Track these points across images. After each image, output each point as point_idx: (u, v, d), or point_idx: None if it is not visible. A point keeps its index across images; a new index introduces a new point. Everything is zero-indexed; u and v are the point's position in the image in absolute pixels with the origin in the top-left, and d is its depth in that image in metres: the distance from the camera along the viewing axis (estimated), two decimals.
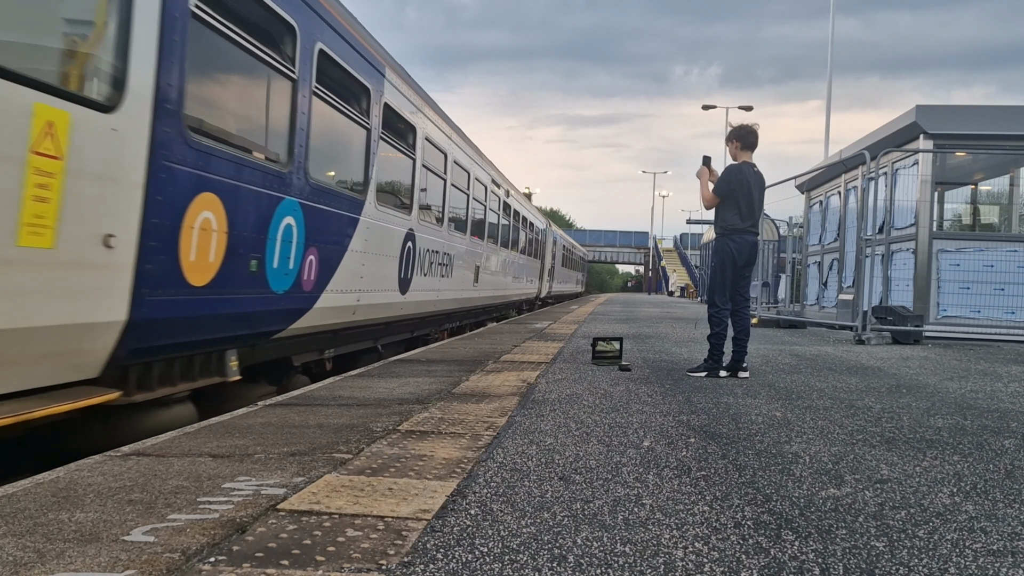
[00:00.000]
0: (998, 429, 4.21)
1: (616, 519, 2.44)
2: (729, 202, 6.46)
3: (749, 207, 6.42)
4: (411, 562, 2.02)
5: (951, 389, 5.83)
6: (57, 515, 2.33)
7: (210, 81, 4.81)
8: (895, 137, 12.30)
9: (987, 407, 4.98)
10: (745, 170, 6.47)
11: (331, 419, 4.06)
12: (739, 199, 6.40)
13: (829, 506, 2.65)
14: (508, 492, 2.72)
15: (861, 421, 4.34)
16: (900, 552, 2.21)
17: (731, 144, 6.66)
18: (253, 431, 3.72)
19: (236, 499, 2.54)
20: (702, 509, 2.57)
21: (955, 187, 14.47)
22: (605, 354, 6.98)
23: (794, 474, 3.09)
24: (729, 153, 6.74)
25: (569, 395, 5.01)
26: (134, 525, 2.25)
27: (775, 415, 4.47)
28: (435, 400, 4.73)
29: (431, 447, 3.40)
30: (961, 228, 14.47)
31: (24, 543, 2.08)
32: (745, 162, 6.54)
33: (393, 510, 2.46)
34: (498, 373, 6.15)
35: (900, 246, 12.01)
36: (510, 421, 4.06)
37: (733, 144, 6.64)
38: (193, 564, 1.96)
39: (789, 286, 19.25)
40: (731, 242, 6.42)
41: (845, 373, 6.73)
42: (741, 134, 6.61)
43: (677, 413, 4.44)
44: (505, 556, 2.09)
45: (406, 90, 8.46)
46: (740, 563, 2.08)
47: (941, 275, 11.39)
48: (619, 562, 2.07)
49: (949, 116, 12.02)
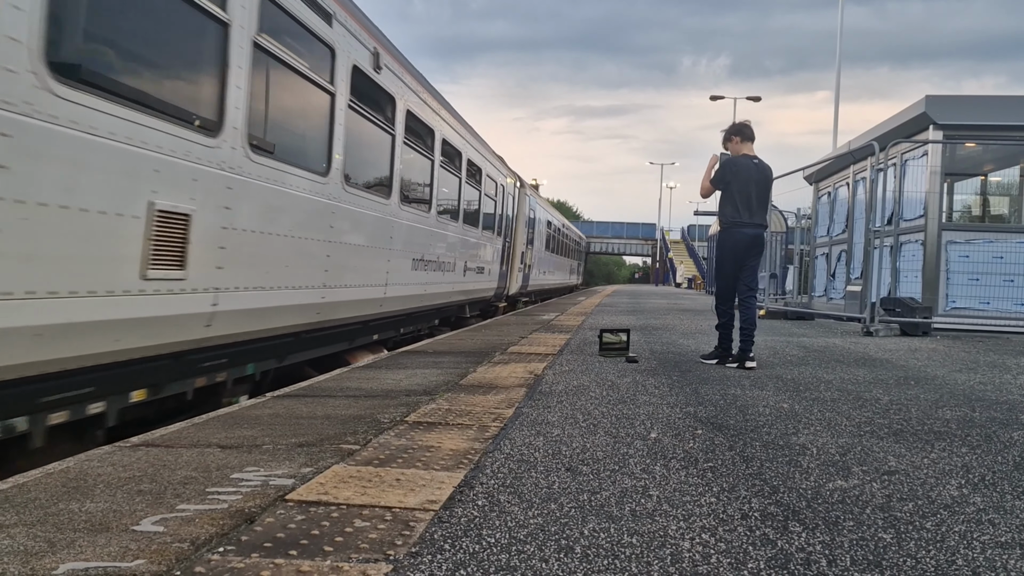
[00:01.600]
0: (1007, 421, 4.19)
1: (623, 510, 2.44)
2: (726, 195, 6.50)
3: (746, 200, 6.42)
4: (419, 552, 2.03)
5: (960, 381, 5.81)
6: (67, 505, 2.35)
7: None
8: (904, 128, 12.22)
9: (996, 399, 4.96)
10: (743, 163, 6.47)
11: (339, 410, 4.07)
12: (735, 192, 6.41)
13: (836, 498, 2.65)
14: (515, 483, 2.72)
15: (869, 413, 4.33)
16: (908, 544, 2.21)
17: (731, 142, 6.68)
18: (261, 422, 3.73)
19: (245, 490, 2.55)
20: (709, 500, 2.57)
21: (965, 178, 14.37)
22: (612, 346, 6.97)
23: (801, 466, 3.08)
24: (731, 152, 6.75)
25: (576, 387, 5.01)
26: (144, 515, 2.27)
27: (782, 407, 4.46)
28: (442, 391, 4.74)
29: (438, 438, 3.41)
30: (970, 219, 14.38)
31: (35, 533, 2.10)
32: (745, 155, 6.54)
33: (401, 501, 2.47)
34: (505, 365, 6.15)
35: (909, 237, 11.95)
36: (517, 412, 4.07)
37: (733, 141, 6.65)
38: (202, 554, 1.98)
39: (797, 277, 19.19)
40: (729, 236, 6.50)
41: (853, 365, 6.71)
42: (738, 128, 6.66)
43: (684, 405, 4.44)
44: (512, 547, 2.10)
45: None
46: (747, 554, 2.08)
47: (950, 266, 11.33)
48: (626, 553, 2.07)
49: (959, 106, 11.93)
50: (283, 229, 5.54)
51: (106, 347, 3.78)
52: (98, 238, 3.60)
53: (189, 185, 4.30)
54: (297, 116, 6.02)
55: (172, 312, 4.21)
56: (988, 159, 13.75)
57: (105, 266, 3.66)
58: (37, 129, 3.21)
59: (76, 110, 3.41)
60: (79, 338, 3.57)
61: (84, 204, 3.49)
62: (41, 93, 3.22)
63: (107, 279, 3.67)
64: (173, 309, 4.22)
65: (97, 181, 3.56)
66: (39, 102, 3.22)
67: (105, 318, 3.68)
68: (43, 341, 3.35)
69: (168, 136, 4.09)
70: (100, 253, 3.63)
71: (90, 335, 3.64)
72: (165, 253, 4.08)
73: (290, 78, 5.73)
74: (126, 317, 3.83)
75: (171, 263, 4.14)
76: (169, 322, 4.21)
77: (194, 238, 4.34)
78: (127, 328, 3.87)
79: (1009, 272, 10.98)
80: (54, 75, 3.29)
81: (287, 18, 5.51)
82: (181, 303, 4.28)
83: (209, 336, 4.69)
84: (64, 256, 3.40)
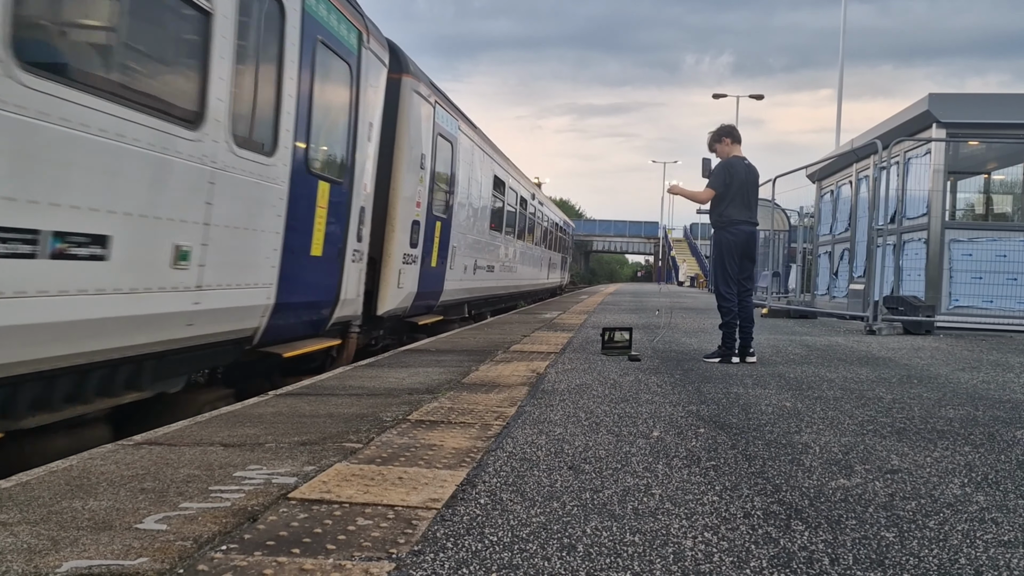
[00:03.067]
0: (1010, 420, 4.18)
1: (626, 509, 2.44)
2: (726, 196, 6.62)
3: (745, 199, 6.63)
4: (421, 551, 2.03)
5: (963, 380, 5.80)
6: (71, 503, 2.36)
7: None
8: (907, 126, 12.20)
9: (999, 398, 4.95)
10: (737, 164, 6.67)
11: (341, 409, 4.07)
12: (735, 193, 6.58)
13: (839, 496, 2.64)
14: (518, 481, 2.73)
15: (871, 411, 4.33)
16: (910, 542, 2.21)
17: (721, 144, 6.84)
18: (264, 420, 3.74)
19: (247, 488, 2.55)
20: (712, 499, 2.57)
21: (968, 176, 14.34)
22: (615, 344, 6.97)
23: (804, 464, 3.08)
24: (719, 154, 6.91)
25: (579, 385, 5.01)
26: (147, 513, 2.27)
27: (785, 405, 4.45)
28: (445, 390, 4.74)
29: (441, 437, 3.41)
30: (974, 218, 14.35)
31: (38, 531, 2.10)
32: (736, 156, 6.74)
33: (403, 499, 2.47)
34: (508, 363, 6.15)
35: (912, 236, 11.93)
36: (520, 411, 4.07)
37: (724, 143, 6.82)
38: (205, 552, 1.98)
39: (800, 276, 19.17)
40: (728, 234, 6.61)
41: (856, 363, 6.70)
42: (727, 131, 6.84)
43: (687, 403, 4.44)
44: (515, 545, 2.10)
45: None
46: (750, 553, 2.08)
47: (953, 265, 11.30)
48: (628, 551, 2.07)
49: (962, 105, 11.91)
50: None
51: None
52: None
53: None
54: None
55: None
56: (991, 157, 13.73)
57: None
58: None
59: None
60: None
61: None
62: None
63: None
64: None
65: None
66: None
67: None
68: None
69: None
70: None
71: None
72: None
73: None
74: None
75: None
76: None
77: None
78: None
79: (1012, 271, 10.96)
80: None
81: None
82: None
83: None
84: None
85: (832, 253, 16.14)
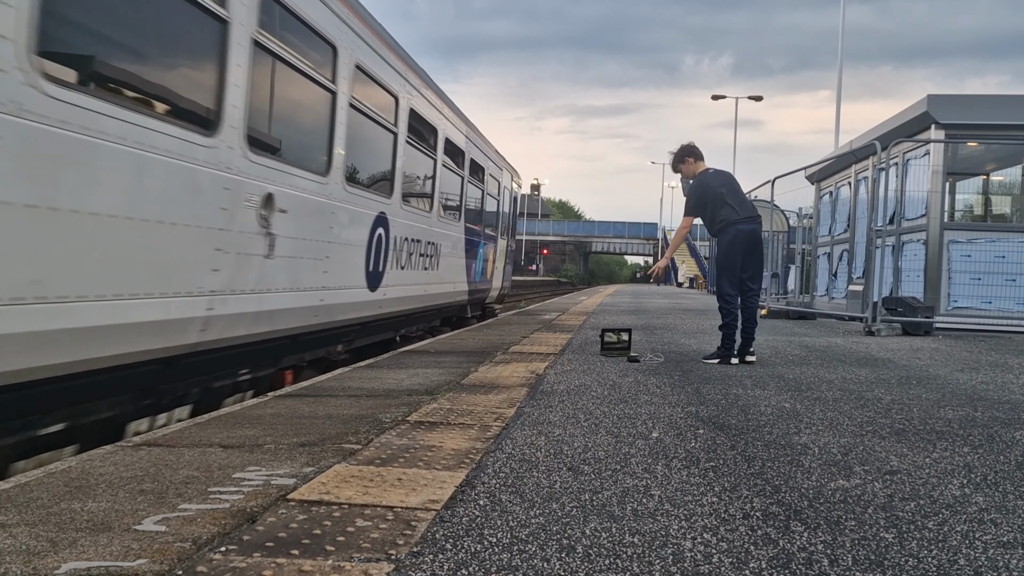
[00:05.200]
0: (1009, 421, 4.18)
1: (625, 510, 2.44)
2: (707, 209, 6.70)
3: (729, 200, 6.60)
4: (420, 552, 2.03)
5: (962, 380, 5.80)
6: (69, 505, 2.35)
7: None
8: (906, 127, 12.20)
9: (998, 399, 4.96)
10: (703, 179, 6.76)
11: (340, 410, 4.07)
12: (714, 201, 6.62)
13: (838, 497, 2.64)
14: (517, 483, 2.72)
15: (871, 412, 4.33)
16: (909, 543, 2.21)
17: (684, 164, 6.92)
18: (263, 422, 3.74)
19: (246, 489, 2.55)
20: (711, 500, 2.57)
21: (967, 177, 14.35)
22: (614, 345, 6.97)
23: (803, 465, 3.08)
24: (685, 174, 7.03)
25: (578, 386, 5.01)
26: (145, 515, 2.27)
27: (784, 406, 4.46)
28: (444, 391, 4.74)
29: (440, 438, 3.41)
30: (973, 219, 14.36)
31: (37, 532, 2.10)
32: (702, 171, 6.83)
33: (402, 500, 2.47)
34: (507, 364, 6.15)
35: (911, 237, 11.93)
36: (519, 412, 4.07)
37: (687, 163, 6.90)
38: (204, 553, 1.98)
39: (799, 277, 19.18)
40: (727, 234, 6.61)
41: (855, 364, 6.70)
42: (688, 150, 6.90)
43: (686, 404, 4.44)
44: (514, 546, 2.10)
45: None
46: (749, 554, 2.08)
47: (952, 266, 11.31)
48: (627, 553, 2.07)
49: (961, 106, 11.91)
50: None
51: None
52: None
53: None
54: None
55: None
56: (990, 158, 13.74)
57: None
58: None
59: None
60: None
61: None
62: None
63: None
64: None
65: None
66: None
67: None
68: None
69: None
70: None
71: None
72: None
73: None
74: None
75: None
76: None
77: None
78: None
79: (1011, 272, 10.96)
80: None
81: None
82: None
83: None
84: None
85: (831, 254, 16.15)
